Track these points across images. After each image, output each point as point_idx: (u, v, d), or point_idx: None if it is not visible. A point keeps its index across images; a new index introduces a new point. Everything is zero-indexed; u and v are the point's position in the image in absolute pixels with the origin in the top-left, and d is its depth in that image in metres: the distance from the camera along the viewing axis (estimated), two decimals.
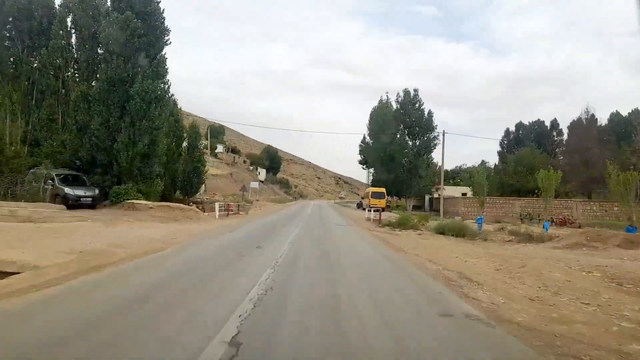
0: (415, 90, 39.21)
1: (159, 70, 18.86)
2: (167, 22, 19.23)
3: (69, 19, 20.72)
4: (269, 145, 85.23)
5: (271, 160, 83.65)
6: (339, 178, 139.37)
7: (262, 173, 77.67)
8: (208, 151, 78.32)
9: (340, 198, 64.37)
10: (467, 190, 43.48)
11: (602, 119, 42.67)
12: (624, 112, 44.61)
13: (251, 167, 74.85)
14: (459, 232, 14.89)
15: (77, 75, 20.83)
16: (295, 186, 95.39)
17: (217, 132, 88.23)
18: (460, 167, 62.01)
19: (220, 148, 78.67)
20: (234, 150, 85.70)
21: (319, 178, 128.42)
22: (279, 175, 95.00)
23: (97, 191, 17.40)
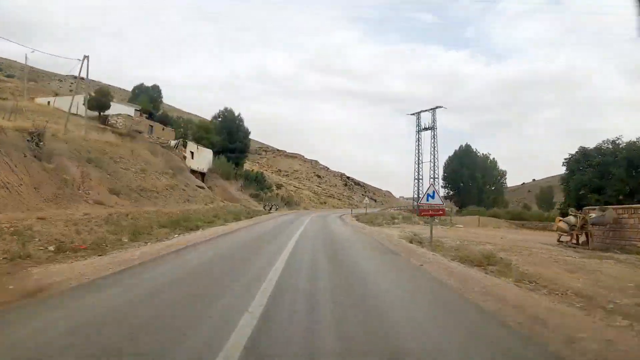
0: None
1: None
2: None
3: None
4: (225, 108, 45.89)
5: (229, 135, 44.10)
6: (348, 178, 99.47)
7: (205, 156, 37.98)
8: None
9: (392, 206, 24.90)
10: None
11: None
12: None
13: (173, 142, 34.86)
14: None
15: None
16: (279, 186, 55.24)
17: (140, 91, 48.88)
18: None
19: (130, 110, 39.04)
20: (163, 120, 45.69)
21: (319, 177, 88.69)
22: (249, 166, 55.44)
23: None
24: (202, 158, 36.97)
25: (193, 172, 34.68)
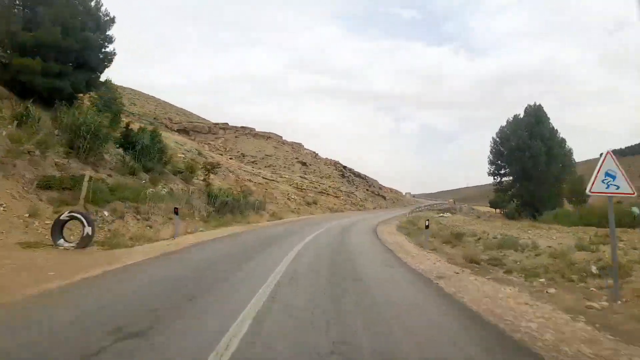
0: None
1: None
2: None
3: None
4: None
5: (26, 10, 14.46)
6: (344, 167, 70.14)
7: None
8: None
9: None
10: None
11: None
12: None
13: None
14: None
15: None
16: (211, 169, 25.05)
17: None
18: None
19: None
20: None
21: (304, 164, 58.89)
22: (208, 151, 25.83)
23: None
24: None
25: None
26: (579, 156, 54.77)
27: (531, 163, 42.27)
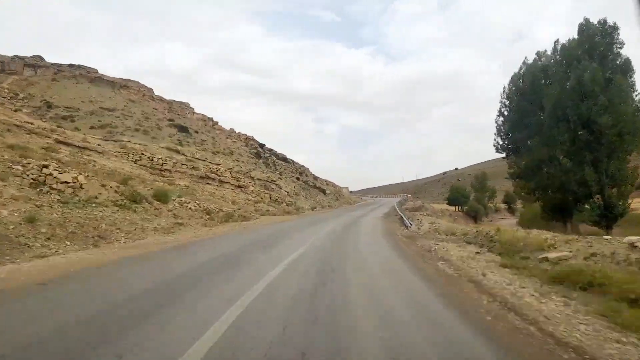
0: None
1: None
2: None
3: None
4: None
5: None
6: (262, 145, 45.49)
7: None
8: None
9: None
10: None
11: None
12: None
13: None
14: None
15: None
16: None
17: None
18: None
19: None
20: None
21: (183, 130, 33.12)
22: None
23: None
24: None
25: None
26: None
27: (583, 129, 21.64)
